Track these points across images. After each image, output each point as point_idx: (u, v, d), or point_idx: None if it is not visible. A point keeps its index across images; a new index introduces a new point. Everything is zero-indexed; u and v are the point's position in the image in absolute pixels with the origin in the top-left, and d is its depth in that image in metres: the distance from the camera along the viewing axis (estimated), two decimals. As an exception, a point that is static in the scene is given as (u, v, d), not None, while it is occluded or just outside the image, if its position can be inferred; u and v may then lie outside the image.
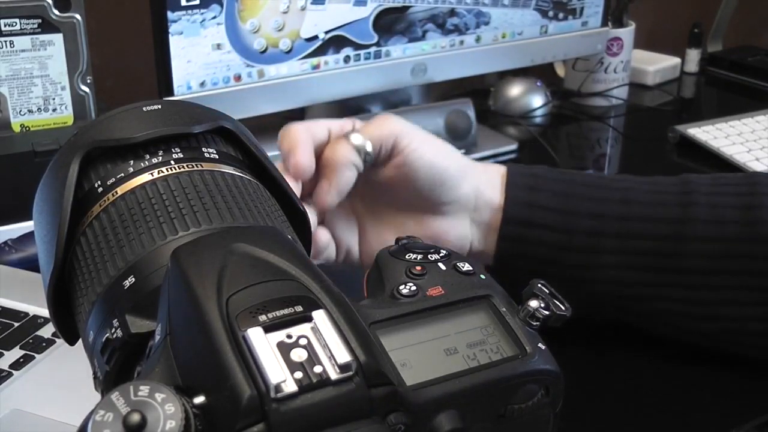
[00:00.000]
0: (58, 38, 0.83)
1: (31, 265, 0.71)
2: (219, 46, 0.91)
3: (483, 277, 0.34)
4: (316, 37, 0.98)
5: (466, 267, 0.34)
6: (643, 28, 1.35)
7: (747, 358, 0.61)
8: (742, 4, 1.47)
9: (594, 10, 1.20)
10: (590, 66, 1.27)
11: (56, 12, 0.82)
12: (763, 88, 1.36)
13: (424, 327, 0.31)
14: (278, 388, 0.25)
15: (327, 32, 0.98)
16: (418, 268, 0.34)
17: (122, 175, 0.35)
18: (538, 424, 0.32)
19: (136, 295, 0.31)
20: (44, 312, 0.63)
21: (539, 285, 0.33)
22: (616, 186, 0.62)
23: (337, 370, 0.26)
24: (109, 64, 0.99)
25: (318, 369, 0.26)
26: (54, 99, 0.84)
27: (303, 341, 0.26)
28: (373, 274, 0.36)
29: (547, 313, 0.32)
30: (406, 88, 1.10)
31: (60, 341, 0.60)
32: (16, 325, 0.63)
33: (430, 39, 1.06)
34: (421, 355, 0.30)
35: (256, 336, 0.26)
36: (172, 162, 0.35)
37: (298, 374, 0.25)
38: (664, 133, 1.13)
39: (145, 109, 0.37)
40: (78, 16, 0.82)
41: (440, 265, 0.34)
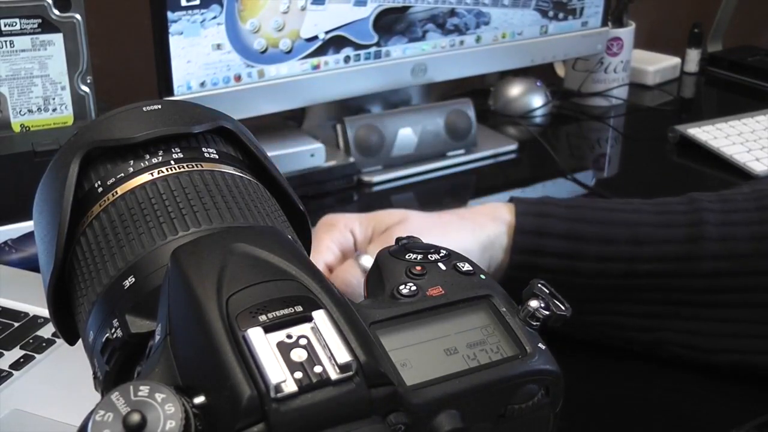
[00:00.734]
0: (58, 38, 0.82)
1: (31, 265, 0.71)
2: (219, 47, 0.91)
3: (483, 277, 0.34)
4: (316, 37, 0.98)
5: (466, 267, 0.34)
6: (643, 28, 1.35)
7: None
8: (742, 4, 1.47)
9: (594, 10, 1.20)
10: (590, 66, 1.27)
11: (56, 12, 0.81)
12: (763, 88, 1.36)
13: (424, 327, 0.31)
14: (278, 388, 0.25)
15: (327, 32, 0.98)
16: (418, 268, 0.34)
17: (122, 175, 0.35)
18: (538, 424, 0.32)
19: (136, 295, 0.31)
20: (44, 312, 0.63)
21: (539, 285, 0.33)
22: (624, 208, 0.63)
23: (337, 370, 0.26)
24: (109, 64, 0.99)
25: (318, 369, 0.26)
26: (54, 99, 0.84)
27: (303, 341, 0.26)
28: (373, 274, 0.35)
29: (547, 313, 0.32)
30: (406, 88, 1.10)
31: (60, 341, 0.60)
32: (16, 325, 0.63)
33: (430, 39, 1.06)
34: (421, 355, 0.30)
35: (256, 336, 0.26)
36: (172, 162, 0.35)
37: (298, 374, 0.25)
38: (664, 133, 1.13)
39: (145, 109, 0.37)
40: (78, 16, 0.82)
41: (440, 265, 0.34)
